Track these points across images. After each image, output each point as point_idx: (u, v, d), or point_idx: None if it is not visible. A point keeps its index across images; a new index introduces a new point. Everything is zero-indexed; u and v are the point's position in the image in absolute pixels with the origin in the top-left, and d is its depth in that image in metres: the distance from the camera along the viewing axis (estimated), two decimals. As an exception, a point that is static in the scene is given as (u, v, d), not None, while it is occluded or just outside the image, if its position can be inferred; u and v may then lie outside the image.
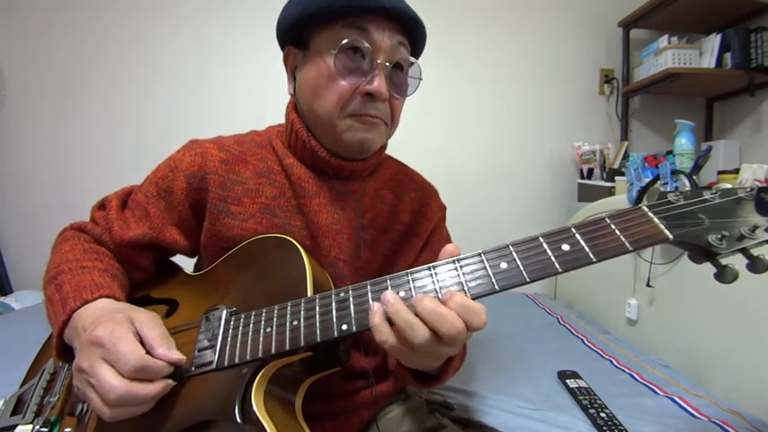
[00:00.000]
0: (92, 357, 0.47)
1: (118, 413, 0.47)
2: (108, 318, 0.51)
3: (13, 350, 0.92)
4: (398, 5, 0.61)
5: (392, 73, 0.64)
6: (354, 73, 0.62)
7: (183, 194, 0.67)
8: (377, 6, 0.60)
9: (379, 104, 0.63)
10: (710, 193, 0.45)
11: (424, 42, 0.70)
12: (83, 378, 0.48)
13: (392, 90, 0.64)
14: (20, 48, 1.85)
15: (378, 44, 0.61)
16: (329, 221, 0.68)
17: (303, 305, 0.52)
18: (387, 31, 0.62)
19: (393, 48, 0.63)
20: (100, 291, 0.57)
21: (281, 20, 0.67)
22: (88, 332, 0.49)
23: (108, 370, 0.46)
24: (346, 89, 0.62)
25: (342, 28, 0.61)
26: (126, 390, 0.46)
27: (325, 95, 0.63)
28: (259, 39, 1.90)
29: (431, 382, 0.62)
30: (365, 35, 0.61)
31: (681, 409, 0.95)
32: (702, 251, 0.44)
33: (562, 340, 1.40)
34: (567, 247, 0.45)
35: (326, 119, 0.64)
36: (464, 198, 2.04)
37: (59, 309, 0.56)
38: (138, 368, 0.47)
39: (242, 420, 0.46)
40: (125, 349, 0.47)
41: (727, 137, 2.05)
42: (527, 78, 2.11)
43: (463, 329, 0.43)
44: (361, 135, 0.64)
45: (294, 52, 0.68)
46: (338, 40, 0.60)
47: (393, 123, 0.70)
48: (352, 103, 0.63)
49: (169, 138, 0.85)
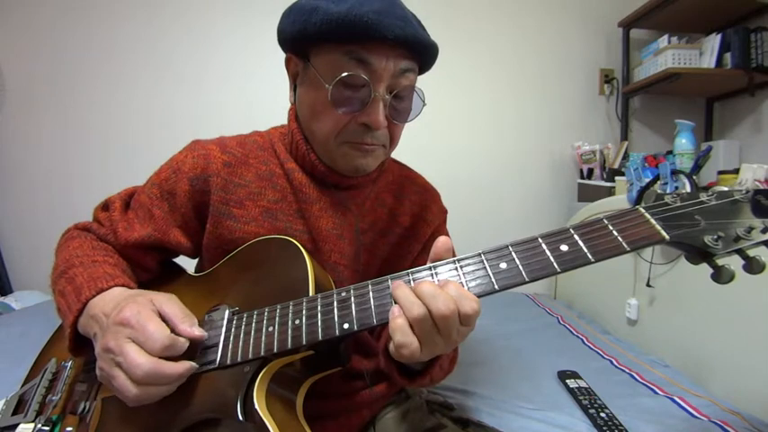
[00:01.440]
0: (119, 337, 0.49)
1: (143, 392, 0.48)
2: (131, 300, 0.52)
3: (14, 350, 0.93)
4: (402, 35, 0.57)
5: (393, 100, 0.62)
6: (351, 103, 0.60)
7: (185, 197, 0.67)
8: (379, 36, 0.56)
9: (376, 133, 0.62)
10: (707, 195, 0.46)
11: (436, 58, 0.66)
12: (109, 358, 0.49)
13: (392, 116, 0.63)
14: (20, 47, 1.85)
15: (379, 74, 0.59)
16: (330, 226, 0.69)
17: (305, 304, 0.52)
18: (391, 60, 0.59)
19: (396, 76, 0.60)
20: (114, 280, 0.58)
21: (279, 30, 0.65)
22: (113, 315, 0.51)
23: (136, 349, 0.48)
24: (342, 119, 0.61)
25: (341, 56, 0.58)
26: (153, 366, 0.47)
27: (322, 120, 0.63)
28: (261, 38, 1.90)
29: (415, 378, 0.61)
30: (365, 67, 0.58)
31: (681, 409, 0.96)
32: (699, 252, 0.45)
33: (562, 340, 1.40)
34: (566, 247, 0.46)
35: (323, 141, 0.64)
36: (464, 198, 2.05)
37: (73, 299, 0.57)
38: (167, 346, 0.49)
39: (244, 418, 0.47)
40: (152, 328, 0.49)
41: (727, 137, 2.05)
42: (527, 78, 2.12)
43: (455, 310, 0.43)
44: (356, 162, 0.65)
45: (295, 60, 0.67)
46: (336, 69, 0.58)
47: (392, 144, 0.69)
48: (347, 131, 0.62)
49: (171, 138, 0.85)
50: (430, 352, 0.46)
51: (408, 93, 0.64)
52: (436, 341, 0.45)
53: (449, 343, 0.46)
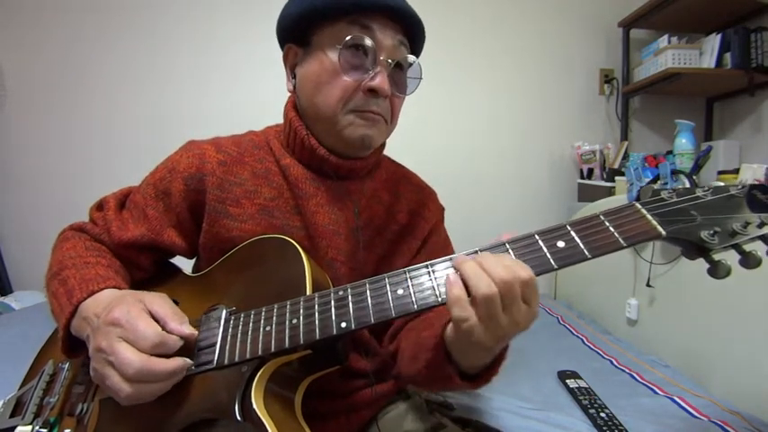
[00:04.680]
0: (110, 337, 0.49)
1: (136, 390, 0.48)
2: (121, 300, 0.52)
3: (13, 350, 0.92)
4: (402, 5, 0.63)
5: (393, 71, 0.65)
6: (358, 69, 0.63)
7: (180, 196, 0.67)
8: (382, 5, 0.61)
9: (380, 101, 0.64)
10: (703, 191, 0.47)
11: (423, 43, 0.71)
12: (101, 358, 0.49)
13: (393, 88, 0.65)
14: (20, 47, 1.85)
15: (381, 42, 0.62)
16: (326, 222, 0.69)
17: (302, 303, 0.52)
18: (389, 30, 0.63)
19: (395, 46, 0.64)
20: (106, 282, 0.59)
21: (282, 16, 0.68)
22: (103, 316, 0.51)
23: (127, 347, 0.48)
24: (349, 85, 0.63)
25: (346, 25, 0.62)
26: (144, 364, 0.47)
27: (328, 90, 0.64)
28: (257, 39, 1.90)
29: (478, 380, 0.56)
30: (369, 33, 0.62)
31: (681, 409, 0.96)
32: (695, 247, 0.45)
33: (562, 340, 1.40)
34: (563, 243, 0.46)
35: (328, 114, 0.65)
36: (464, 198, 2.05)
37: (65, 301, 0.57)
38: (157, 343, 0.49)
39: (242, 418, 0.47)
40: (143, 326, 0.49)
41: (727, 137, 2.05)
42: (527, 78, 2.12)
43: (516, 277, 0.42)
44: (362, 131, 0.65)
45: (295, 49, 0.69)
46: (342, 36, 0.61)
47: (392, 121, 0.70)
48: (354, 99, 0.63)
49: (168, 138, 0.85)
50: (493, 334, 0.44)
51: (406, 66, 0.67)
52: (500, 320, 0.43)
53: (512, 324, 0.44)
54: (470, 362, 0.53)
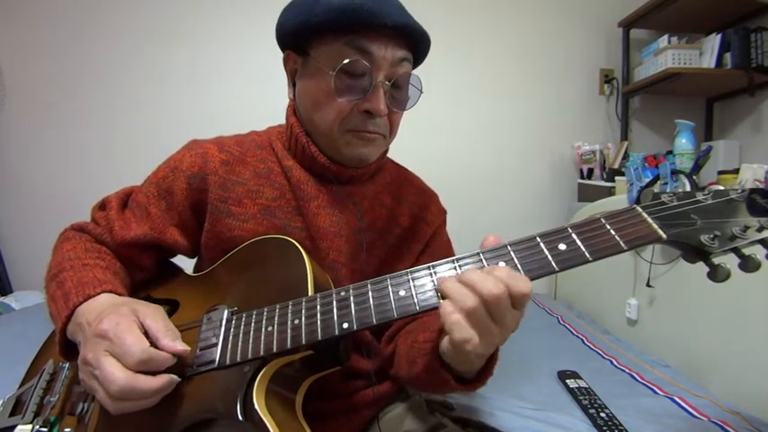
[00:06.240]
0: (97, 350, 0.48)
1: (121, 406, 0.47)
2: (112, 311, 0.51)
3: (13, 350, 0.92)
4: (401, 22, 0.60)
5: (392, 88, 0.63)
6: (353, 91, 0.62)
7: (183, 195, 0.67)
8: (380, 24, 0.59)
9: (377, 120, 0.64)
10: (703, 195, 0.47)
11: (428, 50, 0.70)
12: (87, 370, 0.49)
13: (391, 105, 0.64)
14: (20, 47, 1.85)
15: (378, 62, 0.61)
16: (327, 224, 0.69)
17: (304, 304, 0.52)
18: (390, 48, 0.61)
19: (394, 64, 0.62)
20: (102, 286, 0.58)
21: (281, 24, 0.67)
22: (93, 325, 0.50)
23: (112, 362, 0.47)
24: (345, 107, 0.62)
25: (343, 46, 0.60)
26: (128, 382, 0.46)
27: (325, 110, 0.63)
28: (260, 39, 1.90)
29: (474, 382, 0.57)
30: (366, 56, 0.60)
31: (681, 409, 0.96)
32: (695, 250, 0.45)
33: (562, 340, 1.40)
34: (564, 246, 0.46)
35: (326, 132, 0.65)
36: (464, 198, 2.04)
37: (62, 305, 0.56)
38: (143, 360, 0.47)
39: (243, 418, 0.47)
40: (130, 341, 0.48)
41: (727, 137, 2.05)
42: (527, 78, 2.12)
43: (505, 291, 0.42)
44: (359, 150, 0.65)
45: (294, 57, 0.68)
46: (338, 59, 0.60)
47: (392, 134, 0.70)
48: (350, 120, 0.63)
49: (170, 138, 0.86)
50: (486, 343, 0.44)
51: (406, 81, 0.66)
52: (492, 330, 0.43)
53: (503, 331, 0.44)
54: (465, 367, 0.53)
